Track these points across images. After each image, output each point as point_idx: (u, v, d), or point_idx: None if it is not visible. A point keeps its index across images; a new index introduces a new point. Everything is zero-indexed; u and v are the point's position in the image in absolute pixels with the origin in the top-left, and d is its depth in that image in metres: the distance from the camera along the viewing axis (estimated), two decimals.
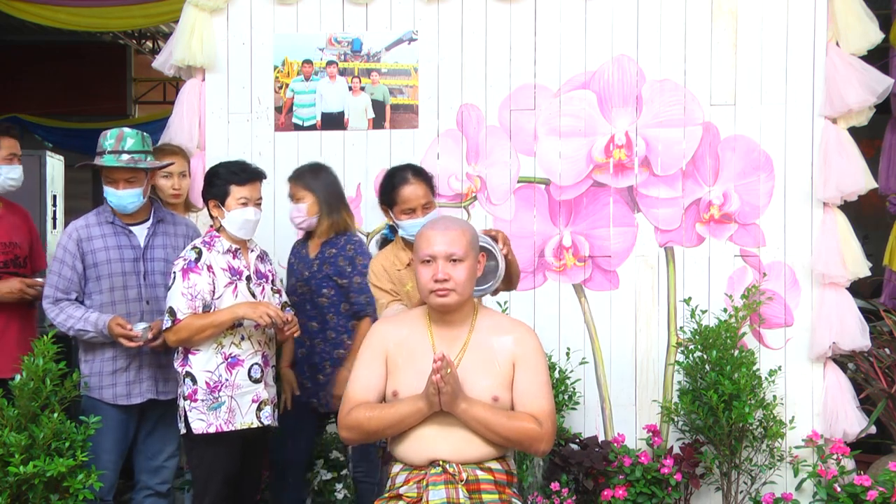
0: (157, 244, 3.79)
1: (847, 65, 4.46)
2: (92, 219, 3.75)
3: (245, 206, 3.61)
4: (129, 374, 3.71)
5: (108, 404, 3.68)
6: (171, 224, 3.86)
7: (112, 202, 3.70)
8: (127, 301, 3.71)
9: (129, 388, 3.71)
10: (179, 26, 4.71)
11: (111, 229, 3.73)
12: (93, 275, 3.68)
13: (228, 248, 3.65)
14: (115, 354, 3.68)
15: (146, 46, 10.72)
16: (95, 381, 3.68)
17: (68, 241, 3.68)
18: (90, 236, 3.70)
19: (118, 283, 3.70)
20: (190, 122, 4.66)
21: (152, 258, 3.77)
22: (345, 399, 2.88)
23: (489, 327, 2.87)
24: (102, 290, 3.68)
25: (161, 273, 3.76)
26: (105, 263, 3.69)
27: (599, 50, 4.64)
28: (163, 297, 3.71)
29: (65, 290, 3.67)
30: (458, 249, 2.80)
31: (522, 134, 4.68)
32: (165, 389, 3.79)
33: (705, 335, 4.37)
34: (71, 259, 3.67)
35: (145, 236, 3.77)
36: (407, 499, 2.74)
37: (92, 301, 3.68)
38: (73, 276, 3.67)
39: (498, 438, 2.76)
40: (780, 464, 4.45)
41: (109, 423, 3.65)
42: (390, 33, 4.73)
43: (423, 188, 3.56)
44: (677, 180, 4.61)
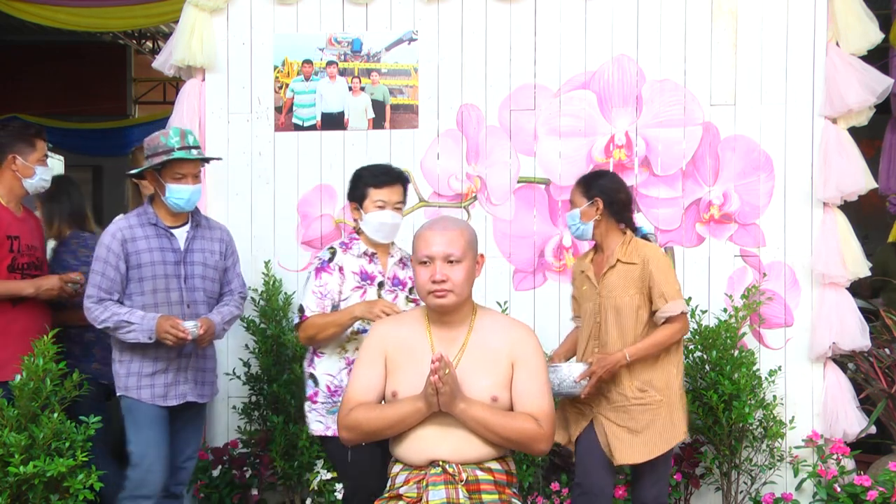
0: (196, 248, 3.76)
1: (847, 65, 4.46)
2: (134, 220, 3.70)
3: (382, 209, 3.58)
4: (167, 375, 3.67)
5: (147, 403, 3.66)
6: (207, 228, 3.83)
7: (180, 199, 3.65)
8: (169, 304, 3.67)
9: (166, 389, 3.68)
10: (179, 26, 4.71)
11: (154, 231, 3.69)
12: (135, 276, 3.64)
13: (365, 251, 3.63)
14: (155, 356, 3.64)
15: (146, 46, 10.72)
16: (133, 382, 3.65)
17: (112, 241, 3.63)
18: (134, 237, 3.65)
19: (160, 285, 3.66)
20: (190, 122, 4.66)
21: (192, 262, 3.73)
22: (344, 399, 2.88)
23: (488, 328, 2.87)
24: (144, 292, 3.64)
25: (200, 277, 3.74)
26: (149, 265, 3.65)
27: (599, 50, 4.65)
28: (202, 300, 3.72)
29: (108, 291, 3.62)
30: (456, 250, 2.80)
31: (522, 134, 4.68)
32: (202, 392, 3.79)
33: (705, 335, 4.37)
34: (115, 259, 3.61)
35: (185, 239, 3.74)
36: (407, 499, 2.74)
37: (132, 302, 3.64)
38: (117, 277, 3.62)
39: (497, 438, 2.75)
40: (780, 464, 4.45)
41: (153, 419, 3.65)
42: (390, 33, 4.73)
43: None
44: (677, 180, 4.61)
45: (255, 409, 4.54)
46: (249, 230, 4.71)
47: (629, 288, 3.60)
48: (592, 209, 3.68)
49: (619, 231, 3.70)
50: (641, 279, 3.59)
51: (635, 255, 3.63)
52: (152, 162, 3.64)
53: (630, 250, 3.64)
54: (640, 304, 3.59)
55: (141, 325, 3.57)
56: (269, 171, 4.73)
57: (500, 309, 4.38)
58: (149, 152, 3.68)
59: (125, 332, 3.59)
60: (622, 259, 3.64)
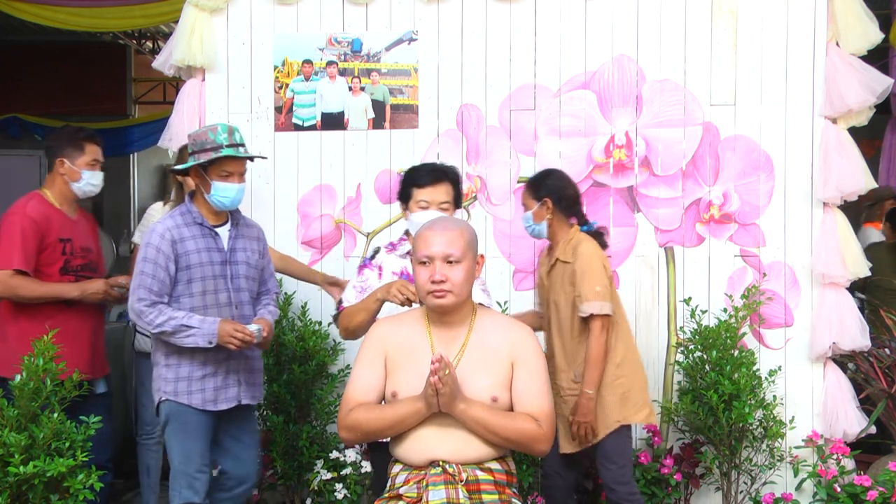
0: (239, 247, 3.68)
1: (847, 65, 4.46)
2: (179, 219, 3.60)
3: (425, 210, 3.48)
4: (216, 379, 3.59)
5: (196, 409, 3.57)
6: (245, 226, 3.75)
7: (225, 198, 3.57)
8: (218, 305, 3.59)
9: (216, 393, 3.60)
10: (179, 26, 4.71)
11: (199, 231, 3.60)
12: (184, 278, 3.54)
13: (409, 251, 3.51)
14: (203, 359, 3.55)
15: (146, 46, 10.71)
16: (183, 387, 3.56)
17: (161, 242, 3.52)
18: (182, 237, 3.55)
19: (209, 286, 3.58)
20: (190, 122, 4.66)
21: (235, 261, 3.66)
22: (344, 399, 2.88)
23: (488, 328, 2.87)
24: (193, 294, 3.55)
25: (244, 277, 3.67)
26: (198, 266, 3.55)
27: (599, 50, 4.64)
28: (247, 301, 3.66)
29: (159, 293, 3.51)
30: (456, 250, 2.80)
31: (522, 134, 4.68)
32: (254, 394, 3.74)
33: (705, 335, 4.37)
34: (164, 261, 3.51)
35: (228, 238, 3.66)
36: (407, 499, 2.74)
37: (180, 305, 3.54)
38: (167, 279, 3.52)
39: (497, 439, 2.75)
40: (780, 464, 4.45)
41: (200, 426, 3.58)
42: (390, 33, 4.73)
43: None
44: (677, 180, 4.61)
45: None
46: None
47: (565, 285, 3.80)
48: (543, 209, 3.85)
49: (568, 228, 3.87)
50: (573, 277, 3.76)
51: (570, 252, 3.80)
52: (199, 158, 3.54)
53: (569, 249, 3.82)
54: (574, 302, 3.77)
55: (201, 328, 3.47)
56: (269, 171, 4.73)
57: (500, 309, 4.38)
58: (195, 148, 3.57)
59: (184, 337, 3.48)
60: (560, 258, 3.82)
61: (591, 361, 3.71)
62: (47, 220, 3.90)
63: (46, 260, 3.88)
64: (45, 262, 3.88)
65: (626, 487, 3.79)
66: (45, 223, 3.88)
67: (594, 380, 3.71)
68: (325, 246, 4.73)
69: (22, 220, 3.85)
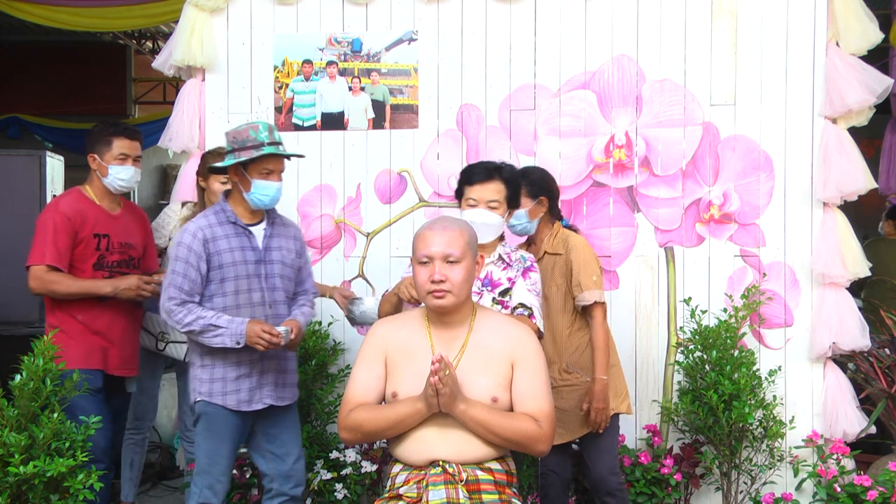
0: (274, 246, 3.65)
1: (847, 65, 4.46)
2: (212, 218, 3.58)
3: (473, 208, 3.49)
4: (251, 379, 3.58)
5: (229, 410, 3.55)
6: (282, 226, 3.72)
7: (265, 196, 3.55)
8: (251, 305, 3.57)
9: (251, 393, 3.57)
10: (179, 26, 4.71)
11: (233, 230, 3.58)
12: (216, 277, 3.53)
13: None
14: (237, 360, 3.54)
15: (146, 46, 10.72)
16: (218, 388, 3.55)
17: (193, 241, 3.51)
18: (215, 237, 3.54)
19: (242, 286, 3.55)
20: (190, 122, 4.67)
21: (270, 260, 3.62)
22: (344, 400, 2.88)
23: (488, 328, 2.87)
24: (226, 293, 3.53)
25: (279, 276, 3.63)
26: (230, 265, 3.54)
27: (599, 50, 4.64)
28: (282, 300, 3.64)
29: (190, 293, 3.50)
30: (456, 250, 2.80)
31: (522, 134, 4.68)
32: (284, 395, 3.70)
33: (705, 335, 4.37)
34: (196, 260, 3.50)
35: (263, 237, 3.63)
36: (407, 499, 2.74)
37: (213, 304, 3.52)
38: (198, 278, 3.51)
39: (497, 439, 2.75)
40: (780, 464, 4.45)
41: (230, 429, 3.56)
42: (390, 33, 4.73)
43: None
44: (677, 180, 4.61)
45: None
46: None
47: (556, 277, 3.82)
48: (539, 207, 3.86)
49: (552, 224, 3.92)
50: (566, 268, 3.80)
51: (561, 245, 3.84)
52: (240, 156, 3.52)
53: (557, 241, 3.86)
54: (566, 293, 3.80)
55: (229, 328, 3.45)
56: None
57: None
58: (235, 145, 3.54)
59: (211, 337, 3.47)
60: (549, 250, 3.86)
61: (599, 348, 3.76)
62: (81, 215, 3.86)
63: (80, 255, 3.85)
64: (78, 258, 3.85)
65: (617, 478, 3.85)
66: (78, 218, 3.85)
67: (605, 365, 3.76)
68: (325, 246, 4.73)
69: (54, 216, 3.84)
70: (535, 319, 3.40)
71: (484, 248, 3.51)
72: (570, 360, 3.83)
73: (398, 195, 4.71)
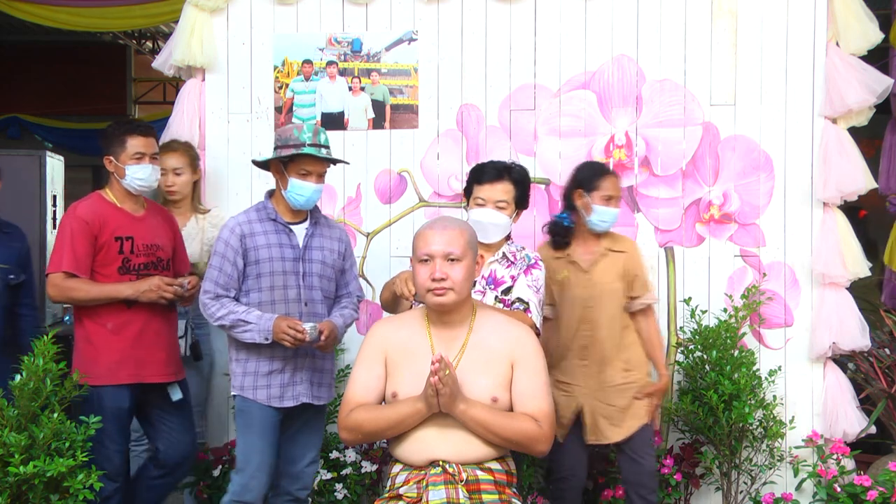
0: (315, 245, 3.64)
1: (847, 65, 4.46)
2: (253, 215, 3.61)
3: (481, 207, 3.49)
4: (283, 376, 3.57)
5: (263, 405, 3.56)
6: (326, 227, 3.72)
7: (303, 196, 3.55)
8: (287, 301, 3.57)
9: (282, 390, 3.57)
10: (179, 26, 4.71)
11: (272, 227, 3.59)
12: (253, 272, 3.55)
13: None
14: (271, 355, 3.54)
15: (146, 46, 10.73)
16: (250, 382, 3.56)
17: (230, 236, 3.54)
18: (252, 232, 3.56)
19: (279, 282, 3.56)
20: (190, 122, 4.66)
21: (310, 259, 3.62)
22: (344, 400, 2.88)
23: (488, 328, 2.87)
24: (262, 289, 3.55)
25: (318, 275, 3.63)
26: (267, 261, 3.55)
27: (599, 50, 4.64)
28: (319, 299, 3.62)
29: (225, 287, 3.53)
30: (456, 249, 2.81)
31: (522, 134, 4.68)
32: (319, 394, 3.67)
33: (705, 335, 4.37)
34: (233, 255, 3.53)
35: (304, 236, 3.63)
36: (407, 499, 2.74)
37: (249, 300, 3.55)
38: (234, 273, 3.54)
39: (497, 439, 2.76)
40: (780, 464, 4.45)
41: (263, 424, 3.56)
42: (390, 33, 4.73)
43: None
44: (677, 180, 4.61)
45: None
46: None
47: (618, 275, 3.88)
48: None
49: None
50: (625, 268, 3.86)
51: (621, 244, 3.92)
52: (281, 153, 3.54)
53: (617, 240, 3.93)
54: (624, 291, 3.89)
55: (258, 324, 3.47)
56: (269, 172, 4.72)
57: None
58: (278, 143, 3.57)
59: (241, 332, 3.49)
60: (612, 248, 3.89)
61: (660, 346, 3.99)
62: (100, 218, 3.76)
63: (103, 260, 3.75)
64: (101, 262, 3.75)
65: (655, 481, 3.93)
66: (96, 222, 3.74)
67: (662, 360, 3.97)
68: None
69: (71, 222, 3.74)
70: (531, 314, 3.41)
71: (489, 248, 3.52)
72: (624, 357, 3.86)
73: (398, 195, 4.71)
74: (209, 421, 4.64)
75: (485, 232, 3.48)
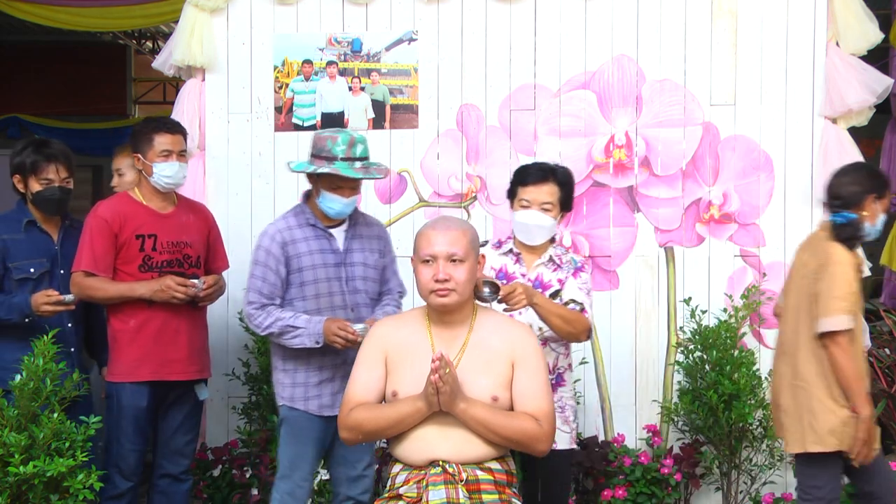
0: (356, 248, 3.57)
1: (847, 65, 4.46)
2: (292, 220, 3.53)
3: (526, 209, 3.42)
4: (334, 384, 3.51)
5: (312, 415, 3.51)
6: (364, 226, 3.64)
7: (333, 209, 3.49)
8: (333, 308, 3.49)
9: (333, 398, 3.48)
10: (179, 26, 4.71)
11: (312, 232, 3.52)
12: (296, 280, 3.48)
13: (511, 249, 3.49)
14: (320, 365, 3.48)
15: (146, 46, 10.73)
16: (300, 393, 3.51)
17: (272, 244, 3.47)
18: (294, 239, 3.48)
19: (323, 289, 3.49)
20: (190, 122, 4.66)
21: (351, 262, 3.56)
22: (344, 399, 2.88)
23: (488, 327, 2.87)
24: (306, 297, 3.48)
25: (361, 278, 3.56)
26: (310, 269, 3.48)
27: (599, 50, 4.64)
28: (364, 303, 3.56)
29: (269, 296, 3.46)
30: (459, 250, 2.80)
31: (522, 134, 4.68)
32: None
33: (705, 335, 4.37)
34: (275, 263, 3.46)
35: (344, 239, 3.56)
36: (407, 499, 2.74)
37: (294, 308, 3.48)
38: (277, 282, 3.46)
39: (497, 438, 2.75)
40: (780, 464, 4.45)
41: (314, 433, 3.52)
42: (390, 33, 4.73)
43: None
44: (677, 180, 4.61)
45: (254, 409, 4.54)
46: (249, 230, 4.70)
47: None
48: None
49: None
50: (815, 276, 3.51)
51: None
52: (313, 163, 3.46)
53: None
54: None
55: (307, 328, 3.40)
56: (269, 171, 4.73)
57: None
58: (313, 151, 3.50)
59: (291, 338, 3.43)
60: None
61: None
62: (121, 217, 3.75)
63: (124, 257, 3.74)
64: (123, 260, 3.74)
65: None
66: (117, 220, 3.74)
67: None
68: None
69: (93, 220, 3.75)
70: (586, 314, 3.36)
71: (534, 251, 3.48)
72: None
73: (398, 195, 4.71)
74: (209, 421, 4.63)
75: (529, 234, 3.44)
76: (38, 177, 3.84)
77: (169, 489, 3.91)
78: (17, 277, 3.79)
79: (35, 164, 3.84)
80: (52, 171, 3.84)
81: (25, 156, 3.86)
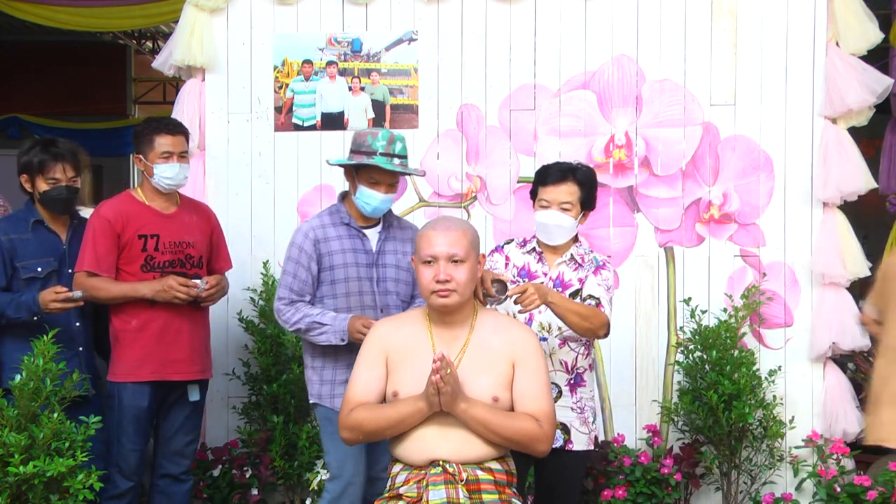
0: (388, 249, 3.58)
1: (847, 65, 4.46)
2: (326, 219, 3.56)
3: (546, 209, 3.41)
4: None
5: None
6: (398, 228, 3.65)
7: (370, 205, 3.49)
8: (363, 308, 3.50)
9: None
10: (179, 26, 4.71)
11: (346, 231, 3.54)
12: (327, 278, 3.50)
13: (534, 248, 3.49)
14: (347, 362, 3.39)
15: (146, 46, 10.72)
16: (327, 390, 3.53)
17: (304, 241, 3.50)
18: (327, 237, 3.51)
19: (354, 288, 3.51)
20: (190, 122, 4.65)
21: (384, 264, 3.56)
22: (345, 400, 2.88)
23: (489, 327, 2.87)
24: (337, 296, 3.50)
25: (392, 280, 3.57)
26: (342, 267, 3.50)
27: (599, 50, 4.65)
28: (394, 304, 3.55)
29: (299, 293, 3.50)
30: (460, 250, 2.81)
31: (522, 134, 4.68)
32: None
33: (705, 335, 4.37)
34: (307, 260, 3.49)
35: (377, 240, 3.57)
36: (407, 499, 2.74)
37: (325, 307, 3.50)
38: (308, 279, 3.50)
39: (498, 438, 2.75)
40: (780, 464, 4.45)
41: None
42: (390, 33, 4.73)
43: None
44: (677, 180, 4.61)
45: (254, 409, 4.54)
46: (249, 230, 4.70)
47: None
48: None
49: None
50: None
51: None
52: (353, 159, 3.48)
53: None
54: None
55: (333, 325, 3.42)
56: (269, 171, 4.73)
57: None
58: (353, 146, 3.51)
59: (317, 334, 3.46)
60: None
61: None
62: (123, 217, 3.76)
63: (126, 258, 3.75)
64: (125, 260, 3.75)
65: None
66: (119, 220, 3.74)
67: None
68: None
69: (95, 221, 3.76)
70: (603, 308, 3.35)
71: (556, 250, 3.47)
72: None
73: (398, 195, 4.71)
74: (209, 421, 4.63)
75: (549, 234, 3.43)
76: (45, 176, 3.84)
77: (169, 489, 3.92)
78: (24, 277, 3.80)
79: (42, 163, 3.84)
80: (58, 171, 3.84)
81: (32, 155, 3.86)
